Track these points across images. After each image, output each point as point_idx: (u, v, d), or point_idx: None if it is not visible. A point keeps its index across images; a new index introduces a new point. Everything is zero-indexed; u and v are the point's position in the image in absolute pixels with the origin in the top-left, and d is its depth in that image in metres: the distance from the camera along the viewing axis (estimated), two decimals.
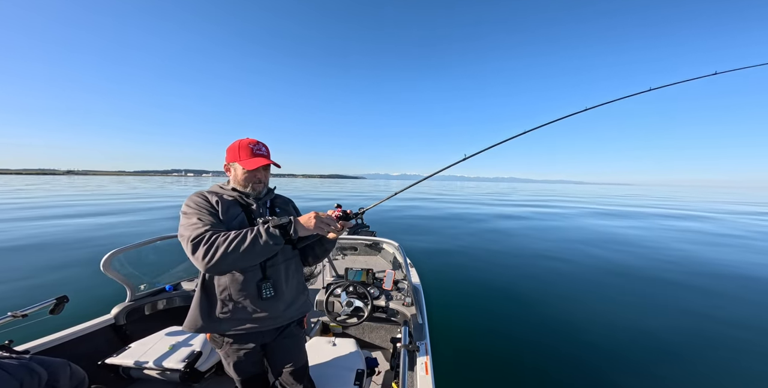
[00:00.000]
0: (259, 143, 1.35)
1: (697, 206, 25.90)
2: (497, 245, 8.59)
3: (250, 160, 1.30)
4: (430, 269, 6.06)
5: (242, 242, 1.07)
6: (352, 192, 35.56)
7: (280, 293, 1.34)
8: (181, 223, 1.19)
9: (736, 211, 22.32)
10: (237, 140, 1.35)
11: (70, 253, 6.85)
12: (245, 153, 1.31)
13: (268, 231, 1.11)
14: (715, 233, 11.65)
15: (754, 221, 15.75)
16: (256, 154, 1.32)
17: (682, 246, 8.95)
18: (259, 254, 1.12)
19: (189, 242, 1.08)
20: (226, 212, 1.26)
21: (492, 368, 3.00)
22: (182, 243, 1.13)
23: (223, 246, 1.06)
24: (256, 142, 1.34)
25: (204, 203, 1.25)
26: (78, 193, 27.70)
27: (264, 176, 1.38)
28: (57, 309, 1.82)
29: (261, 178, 1.37)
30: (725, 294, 5.10)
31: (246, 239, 1.08)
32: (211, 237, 1.09)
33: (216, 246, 1.07)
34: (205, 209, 1.22)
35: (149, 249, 2.39)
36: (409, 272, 2.33)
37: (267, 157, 1.36)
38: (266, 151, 1.38)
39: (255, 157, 1.32)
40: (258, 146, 1.33)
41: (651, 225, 13.45)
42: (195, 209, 1.21)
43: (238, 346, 1.35)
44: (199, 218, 1.17)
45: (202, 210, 1.21)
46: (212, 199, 1.28)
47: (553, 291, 5.11)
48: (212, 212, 1.23)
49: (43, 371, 1.37)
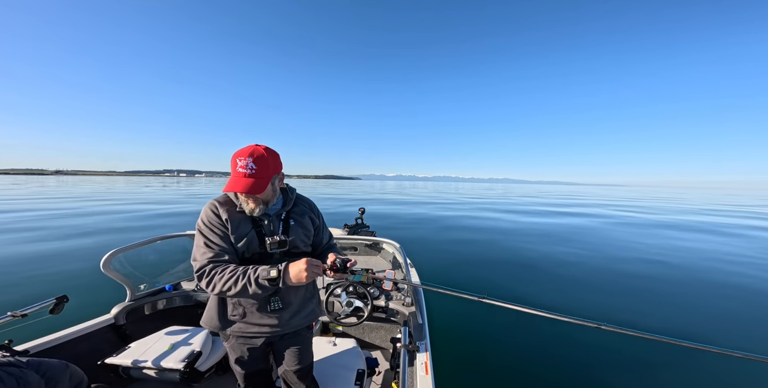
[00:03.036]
0: (249, 158, 1.14)
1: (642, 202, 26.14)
2: (497, 245, 8.59)
3: (230, 180, 1.17)
4: (430, 269, 6.06)
5: (234, 286, 1.12)
6: (347, 195, 35.42)
7: (287, 304, 1.36)
8: (195, 240, 1.24)
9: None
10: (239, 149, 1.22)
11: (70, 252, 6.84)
12: (232, 168, 1.17)
13: (257, 281, 1.11)
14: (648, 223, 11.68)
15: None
16: (238, 172, 1.15)
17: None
18: (251, 297, 1.18)
19: (194, 271, 1.18)
20: (236, 229, 1.24)
21: (492, 368, 2.99)
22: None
23: (219, 285, 1.13)
24: (245, 156, 1.14)
25: (215, 220, 1.23)
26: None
27: (251, 196, 1.20)
28: (57, 309, 1.82)
29: (247, 200, 1.22)
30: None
31: (237, 284, 1.11)
32: (210, 272, 1.15)
33: (213, 284, 1.14)
34: (216, 227, 1.22)
35: (149, 249, 2.39)
36: (408, 272, 2.33)
37: (252, 176, 1.15)
38: (254, 169, 1.15)
39: (234, 177, 1.16)
40: (244, 161, 1.14)
41: (646, 231, 13.48)
42: (206, 228, 1.22)
43: (244, 341, 1.37)
44: (205, 242, 1.21)
45: (212, 230, 1.22)
46: (223, 215, 1.23)
47: (554, 291, 5.11)
48: (222, 233, 1.22)
49: (37, 379, 1.30)
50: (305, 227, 1.40)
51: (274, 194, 1.29)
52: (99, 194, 27.15)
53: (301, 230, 1.37)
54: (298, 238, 1.35)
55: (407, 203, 22.94)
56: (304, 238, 1.38)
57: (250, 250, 1.27)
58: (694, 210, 23.56)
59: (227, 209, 1.25)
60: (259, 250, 1.27)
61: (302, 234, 1.37)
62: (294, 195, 1.41)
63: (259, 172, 1.16)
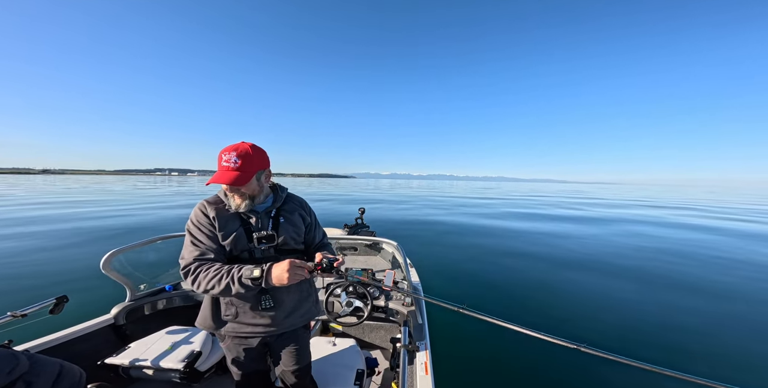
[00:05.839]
0: (233, 153, 1.18)
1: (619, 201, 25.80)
2: (497, 246, 8.60)
3: (215, 174, 1.20)
4: (430, 268, 6.07)
5: (217, 285, 1.12)
6: (341, 193, 35.11)
7: (279, 302, 1.34)
8: (184, 240, 1.26)
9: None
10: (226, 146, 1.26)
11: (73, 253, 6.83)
12: (218, 164, 1.21)
13: (240, 281, 1.11)
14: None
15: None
16: (222, 166, 1.19)
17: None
18: (234, 296, 1.19)
19: (180, 269, 1.20)
20: (224, 227, 1.25)
21: (492, 368, 3.00)
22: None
23: (203, 283, 1.14)
24: (230, 151, 1.19)
25: (203, 219, 1.25)
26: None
27: (236, 191, 1.23)
28: (57, 309, 1.81)
29: (233, 195, 1.25)
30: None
31: (221, 283, 1.12)
32: (195, 270, 1.17)
33: (198, 282, 1.15)
34: (203, 226, 1.24)
35: (149, 249, 2.38)
36: (408, 272, 2.33)
37: (236, 170, 1.18)
38: (238, 162, 1.18)
39: (219, 171, 1.20)
40: (227, 156, 1.18)
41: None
42: (194, 227, 1.25)
43: (239, 341, 1.37)
44: (192, 240, 1.23)
45: (200, 229, 1.24)
46: (211, 213, 1.25)
47: (555, 292, 5.12)
48: (209, 231, 1.24)
49: (20, 363, 1.22)
50: (295, 224, 1.39)
51: (260, 190, 1.30)
52: (99, 194, 26.96)
53: (291, 228, 1.37)
54: (288, 235, 1.35)
55: (413, 204, 22.91)
56: (294, 235, 1.37)
57: (238, 247, 1.26)
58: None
59: (215, 208, 1.27)
60: (247, 247, 1.27)
61: (292, 231, 1.37)
62: (284, 193, 1.42)
63: (243, 166, 1.20)
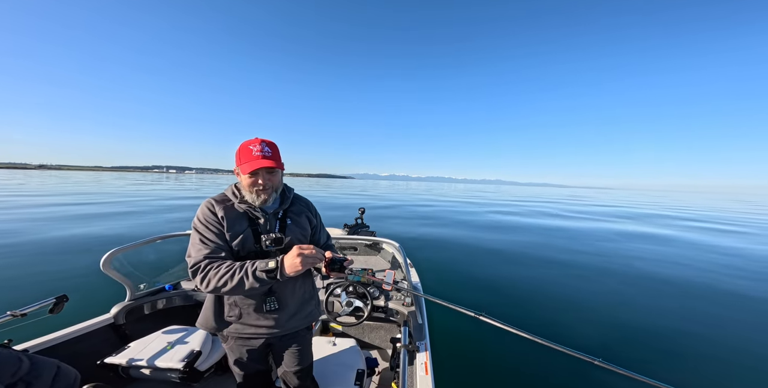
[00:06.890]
0: (262, 143, 1.22)
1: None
2: (498, 245, 8.60)
3: (248, 163, 1.20)
4: (430, 268, 6.07)
5: (230, 280, 1.10)
6: (340, 193, 35.01)
7: (284, 305, 1.34)
8: (191, 238, 1.23)
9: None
10: (244, 141, 1.26)
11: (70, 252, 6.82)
12: (246, 155, 1.21)
13: (254, 275, 1.10)
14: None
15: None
16: (255, 155, 1.20)
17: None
18: (247, 292, 1.15)
19: (189, 268, 1.16)
20: (232, 227, 1.23)
21: (492, 368, 3.00)
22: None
23: (214, 280, 1.11)
24: (260, 142, 1.22)
25: (211, 217, 1.23)
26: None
27: (268, 180, 1.24)
28: (56, 308, 1.81)
29: (264, 184, 1.23)
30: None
31: (234, 278, 1.10)
32: (205, 268, 1.14)
33: (208, 279, 1.12)
34: (212, 224, 1.22)
35: (149, 248, 2.38)
36: (408, 272, 2.33)
37: (270, 158, 1.21)
38: (271, 152, 1.23)
39: (254, 159, 1.20)
40: (259, 146, 1.21)
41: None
42: (202, 226, 1.22)
43: (242, 342, 1.37)
44: (201, 239, 1.20)
45: (208, 227, 1.21)
46: (219, 212, 1.23)
47: (555, 291, 5.12)
48: (217, 230, 1.22)
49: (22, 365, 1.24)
50: (302, 226, 1.39)
51: (280, 186, 1.32)
52: (97, 192, 26.84)
53: (298, 229, 1.37)
54: (295, 237, 1.35)
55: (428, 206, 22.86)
56: (301, 237, 1.38)
57: (245, 248, 1.25)
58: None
59: (223, 207, 1.25)
60: (254, 248, 1.26)
61: (299, 233, 1.37)
62: (291, 194, 1.41)
63: (274, 154, 1.25)
